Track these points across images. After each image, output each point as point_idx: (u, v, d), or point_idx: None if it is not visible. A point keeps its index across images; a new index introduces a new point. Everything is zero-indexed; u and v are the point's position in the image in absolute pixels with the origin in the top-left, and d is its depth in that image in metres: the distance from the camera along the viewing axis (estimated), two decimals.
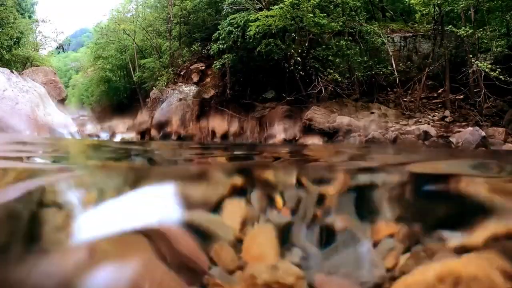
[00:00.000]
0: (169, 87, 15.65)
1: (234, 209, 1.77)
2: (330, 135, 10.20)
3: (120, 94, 24.38)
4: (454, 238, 1.51)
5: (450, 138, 8.81)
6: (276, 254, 1.55)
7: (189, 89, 14.90)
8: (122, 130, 14.80)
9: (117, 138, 14.07)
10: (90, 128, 16.36)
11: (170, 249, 1.44)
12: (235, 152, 5.46)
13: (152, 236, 1.46)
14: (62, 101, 16.46)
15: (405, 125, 10.36)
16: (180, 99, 14.36)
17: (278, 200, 1.88)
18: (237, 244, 1.59)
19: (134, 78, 19.88)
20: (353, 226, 1.72)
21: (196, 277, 1.39)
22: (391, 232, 1.64)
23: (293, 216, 1.80)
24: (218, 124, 12.54)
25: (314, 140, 9.82)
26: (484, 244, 1.44)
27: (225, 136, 12.25)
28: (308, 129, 10.64)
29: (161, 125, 13.63)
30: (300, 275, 1.38)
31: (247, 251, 1.55)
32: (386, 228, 1.67)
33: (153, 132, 13.79)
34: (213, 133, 12.28)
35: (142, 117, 15.58)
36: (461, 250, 1.44)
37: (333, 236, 1.66)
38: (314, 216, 1.81)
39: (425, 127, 9.49)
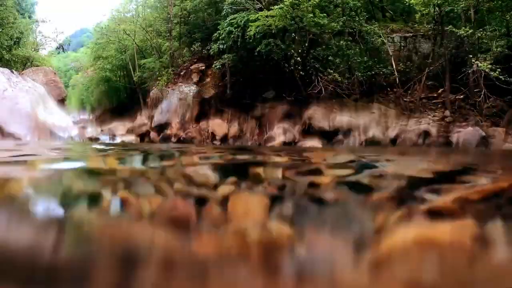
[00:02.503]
0: (169, 87, 15.66)
1: None
2: (329, 136, 10.20)
3: (120, 94, 24.39)
4: None
5: (450, 138, 8.82)
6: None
7: (189, 89, 14.91)
8: (122, 132, 14.79)
9: (117, 141, 14.05)
10: (90, 131, 16.37)
11: None
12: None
13: None
14: (62, 101, 16.46)
15: (405, 125, 10.37)
16: (180, 99, 14.37)
17: None
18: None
19: (134, 78, 19.89)
20: None
21: None
22: None
23: None
24: (218, 126, 12.56)
25: (313, 143, 9.82)
26: None
27: (224, 138, 12.27)
28: (308, 131, 10.64)
29: (161, 128, 13.63)
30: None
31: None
32: None
33: (153, 135, 13.79)
34: (213, 136, 12.29)
35: (142, 119, 15.58)
36: None
37: None
38: None
39: (425, 127, 9.50)
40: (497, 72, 8.80)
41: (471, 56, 9.93)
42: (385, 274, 1.15)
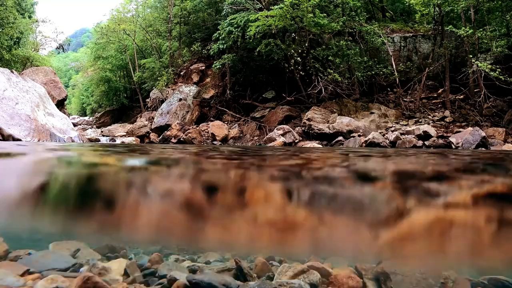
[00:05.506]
0: (169, 87, 15.66)
1: None
2: (329, 137, 10.19)
3: (120, 94, 24.41)
4: None
5: (450, 138, 8.81)
6: None
7: (189, 89, 14.91)
8: (121, 134, 14.81)
9: (118, 142, 14.05)
10: (90, 132, 16.38)
11: None
12: None
13: None
14: (62, 101, 16.45)
15: (405, 125, 10.36)
16: (180, 99, 14.37)
17: None
18: None
19: (134, 78, 19.89)
20: None
21: None
22: None
23: None
24: (218, 127, 12.57)
25: (313, 143, 9.80)
26: None
27: (225, 139, 12.28)
28: (308, 132, 10.62)
29: (161, 129, 13.63)
30: None
31: None
32: None
33: (153, 136, 13.80)
34: (213, 137, 12.30)
35: (142, 121, 15.60)
36: None
37: None
38: None
39: (425, 127, 9.48)
40: (497, 72, 8.79)
41: (471, 56, 9.93)
42: None
